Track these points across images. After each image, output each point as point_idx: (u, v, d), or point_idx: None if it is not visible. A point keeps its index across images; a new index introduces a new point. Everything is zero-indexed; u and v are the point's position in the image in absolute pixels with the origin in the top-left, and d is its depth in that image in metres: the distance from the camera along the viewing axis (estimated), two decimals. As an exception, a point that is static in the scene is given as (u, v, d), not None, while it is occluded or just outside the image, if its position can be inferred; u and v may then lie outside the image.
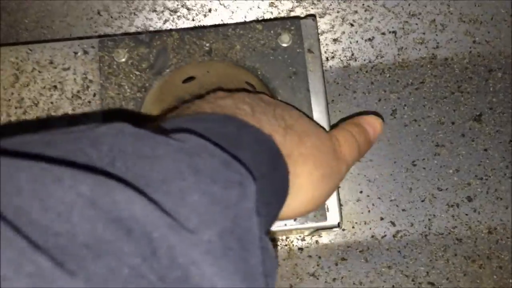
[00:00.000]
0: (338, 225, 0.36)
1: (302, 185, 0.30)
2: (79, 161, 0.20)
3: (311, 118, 0.37)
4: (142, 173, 0.20)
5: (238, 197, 0.22)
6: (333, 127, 0.37)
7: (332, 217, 0.36)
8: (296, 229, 0.36)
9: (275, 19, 0.49)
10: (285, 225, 0.36)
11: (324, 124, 0.38)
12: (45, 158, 0.19)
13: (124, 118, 0.36)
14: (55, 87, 0.38)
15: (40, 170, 0.18)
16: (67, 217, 0.17)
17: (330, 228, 0.37)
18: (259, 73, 0.38)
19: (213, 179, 0.22)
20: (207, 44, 0.39)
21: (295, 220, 0.36)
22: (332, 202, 0.36)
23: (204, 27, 0.48)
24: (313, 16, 0.41)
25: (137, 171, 0.20)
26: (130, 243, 0.17)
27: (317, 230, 0.39)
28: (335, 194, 0.37)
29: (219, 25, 0.39)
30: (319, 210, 0.36)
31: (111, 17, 0.49)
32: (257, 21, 0.40)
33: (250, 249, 0.21)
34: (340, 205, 0.37)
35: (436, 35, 0.51)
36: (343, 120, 0.49)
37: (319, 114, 0.38)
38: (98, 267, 0.16)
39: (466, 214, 0.48)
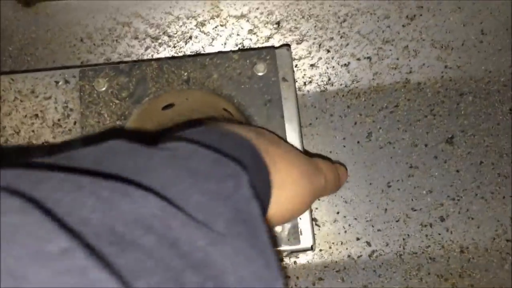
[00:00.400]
0: (312, 248, 0.38)
1: (284, 180, 0.31)
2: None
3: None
4: (142, 180, 0.22)
5: (234, 188, 0.24)
6: (306, 152, 0.39)
7: (306, 240, 0.38)
8: (271, 252, 0.37)
9: (251, 48, 0.51)
10: (260, 248, 0.37)
11: (298, 148, 0.39)
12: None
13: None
14: (37, 115, 0.39)
15: (60, 181, 0.19)
16: (88, 220, 0.18)
17: (303, 251, 0.38)
18: (235, 101, 0.40)
19: (208, 177, 0.23)
20: (185, 73, 0.40)
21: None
22: (305, 225, 0.38)
23: (182, 56, 0.49)
24: (287, 45, 0.42)
25: (138, 178, 0.22)
26: (150, 237, 0.18)
27: (292, 252, 0.40)
28: (307, 217, 0.38)
29: (197, 55, 0.41)
30: (293, 233, 0.37)
31: (94, 44, 0.50)
32: (234, 51, 0.41)
33: (257, 228, 0.23)
34: (313, 227, 0.38)
35: (409, 60, 0.53)
36: (319, 142, 0.50)
37: (293, 139, 0.39)
38: (125, 260, 0.17)
39: (439, 234, 0.49)
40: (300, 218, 0.38)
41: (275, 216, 0.31)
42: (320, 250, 0.49)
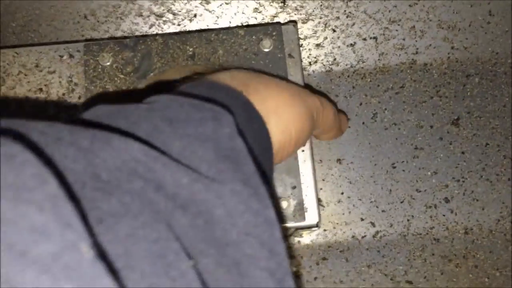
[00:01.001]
0: (317, 225, 0.38)
1: (277, 104, 0.30)
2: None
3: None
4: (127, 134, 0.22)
5: (213, 129, 0.23)
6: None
7: (311, 217, 0.37)
8: (276, 228, 0.37)
9: (257, 25, 0.50)
10: (265, 225, 0.37)
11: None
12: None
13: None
14: (41, 89, 0.39)
15: (39, 134, 0.19)
16: (70, 170, 0.18)
17: (308, 227, 0.38)
18: (241, 77, 0.39)
19: (186, 123, 0.23)
20: (191, 49, 0.40)
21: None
22: (310, 203, 0.38)
23: (187, 32, 0.49)
24: (294, 22, 0.42)
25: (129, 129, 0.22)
26: (136, 181, 0.19)
27: (298, 230, 0.40)
28: (313, 194, 0.38)
29: (202, 30, 0.41)
30: (298, 210, 0.37)
31: (98, 21, 0.49)
32: (239, 26, 0.41)
33: (241, 162, 0.23)
34: (319, 205, 0.38)
35: (416, 41, 0.52)
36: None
37: (299, 117, 0.39)
38: (109, 204, 0.17)
39: (444, 215, 0.49)
40: (306, 195, 0.38)
41: (282, 147, 0.30)
42: (324, 230, 0.49)
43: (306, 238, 0.49)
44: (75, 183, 0.18)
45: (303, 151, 0.38)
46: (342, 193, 0.50)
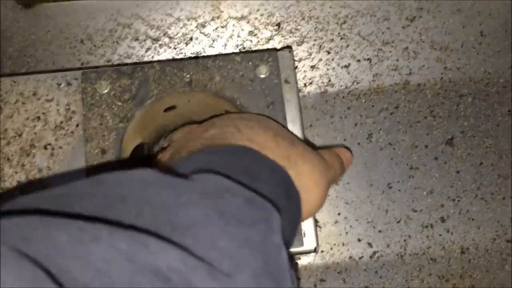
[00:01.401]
0: (315, 250, 0.38)
1: (308, 184, 0.31)
2: (110, 216, 0.20)
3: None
4: (168, 220, 0.21)
5: (264, 234, 0.22)
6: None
7: (309, 242, 0.38)
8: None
9: (254, 51, 0.51)
10: (264, 251, 0.37)
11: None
12: (79, 216, 0.20)
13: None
14: (39, 118, 0.39)
15: (78, 230, 0.18)
16: (106, 273, 0.17)
17: (307, 253, 0.38)
18: (238, 103, 0.40)
19: (239, 220, 0.22)
20: (188, 76, 0.40)
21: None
22: (308, 227, 0.38)
23: (184, 59, 0.49)
24: (289, 47, 0.42)
25: (164, 219, 0.21)
26: None
27: (295, 255, 0.40)
28: (311, 219, 0.38)
29: (199, 57, 0.41)
30: (296, 236, 0.37)
31: (94, 45, 0.50)
32: (236, 53, 0.41)
33: (283, 279, 0.22)
34: (317, 229, 0.38)
35: (409, 62, 0.53)
36: (320, 144, 0.50)
37: (296, 142, 0.39)
38: None
39: (440, 235, 0.50)
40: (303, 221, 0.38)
41: (304, 217, 0.32)
42: (322, 251, 0.49)
43: (303, 260, 0.49)
44: None
45: (300, 176, 0.39)
46: (339, 214, 0.50)
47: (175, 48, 0.51)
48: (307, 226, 0.38)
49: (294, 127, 0.40)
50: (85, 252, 0.18)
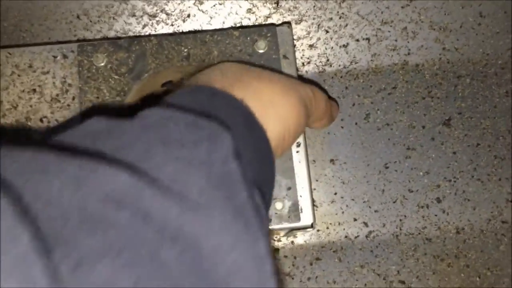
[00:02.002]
0: (312, 226, 0.38)
1: (271, 98, 0.30)
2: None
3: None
4: (115, 154, 0.21)
5: (207, 151, 0.23)
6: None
7: (306, 217, 0.38)
8: (272, 229, 0.37)
9: (252, 26, 0.50)
10: (260, 225, 0.37)
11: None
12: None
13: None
14: (34, 90, 0.38)
15: (27, 161, 0.19)
16: (58, 201, 0.17)
17: (303, 228, 0.38)
18: (235, 78, 0.39)
19: (181, 144, 0.22)
20: (185, 50, 0.40)
21: (270, 221, 0.37)
22: (305, 203, 0.38)
23: (182, 33, 0.49)
24: (288, 23, 0.42)
25: (111, 152, 0.21)
26: (123, 212, 0.18)
27: (292, 230, 0.40)
28: (308, 195, 0.38)
29: (197, 31, 0.41)
30: (293, 211, 0.37)
31: (90, 21, 0.49)
32: (234, 27, 0.41)
33: (233, 190, 0.22)
34: (314, 206, 0.38)
35: (408, 42, 0.52)
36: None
37: (293, 118, 0.39)
38: (93, 240, 0.17)
39: (435, 215, 0.50)
40: (301, 196, 0.38)
41: (282, 140, 0.30)
42: (318, 230, 0.49)
43: (299, 239, 0.49)
44: (58, 218, 0.17)
45: (297, 152, 0.39)
46: (335, 194, 0.50)
47: (172, 25, 0.50)
48: (304, 201, 0.38)
49: (292, 103, 0.39)
50: (35, 180, 0.18)
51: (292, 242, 0.49)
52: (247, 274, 0.20)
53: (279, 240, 0.49)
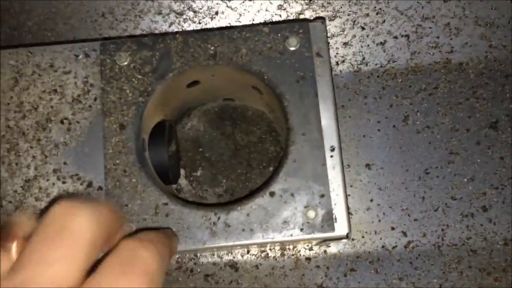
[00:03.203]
0: (347, 236, 0.35)
1: None
2: None
3: None
4: None
5: None
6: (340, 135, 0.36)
7: (340, 227, 0.35)
8: (303, 239, 0.35)
9: (283, 21, 0.48)
10: (291, 235, 0.34)
11: (333, 131, 0.36)
12: None
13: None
14: (55, 90, 0.37)
15: None
16: None
17: (338, 239, 0.35)
18: (265, 77, 0.37)
19: None
20: (212, 48, 0.37)
21: (301, 230, 0.34)
22: (340, 212, 0.35)
23: (209, 29, 0.46)
24: (322, 19, 0.39)
25: None
26: None
27: (325, 240, 0.37)
28: (343, 203, 0.35)
29: (224, 28, 0.38)
30: (327, 220, 0.34)
31: (116, 19, 0.48)
32: (264, 23, 0.39)
33: None
34: (349, 214, 0.35)
35: (451, 39, 0.49)
36: (352, 125, 0.47)
37: (327, 120, 0.36)
38: None
39: (481, 225, 0.46)
40: (335, 204, 0.35)
41: None
42: (353, 240, 0.46)
43: (333, 248, 0.46)
44: None
45: (331, 156, 0.36)
46: (372, 200, 0.47)
47: (199, 23, 0.48)
48: (338, 210, 0.35)
49: (326, 105, 0.37)
50: None
51: (325, 251, 0.46)
52: None
53: (310, 249, 0.46)
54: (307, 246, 0.46)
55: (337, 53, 0.49)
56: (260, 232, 0.35)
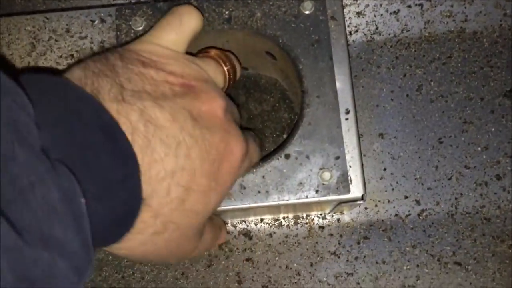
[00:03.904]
0: (362, 198, 0.35)
1: (158, 230, 0.26)
2: None
3: None
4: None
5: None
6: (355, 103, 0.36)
7: (356, 189, 0.35)
8: (319, 201, 0.35)
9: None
10: (307, 197, 0.35)
11: (348, 94, 0.36)
12: None
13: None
14: (72, 56, 0.37)
15: None
16: None
17: (353, 201, 0.35)
18: (280, 41, 0.37)
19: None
20: (227, 12, 0.37)
21: (316, 192, 0.35)
22: (355, 174, 0.35)
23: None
24: (336, -17, 0.39)
25: None
26: None
27: (340, 205, 0.38)
28: (358, 165, 0.35)
29: (239, -8, 0.38)
30: (342, 181, 0.35)
31: (129, -11, 0.48)
32: (278, -12, 0.38)
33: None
34: (364, 176, 0.35)
35: (465, 7, 0.49)
36: (365, 95, 0.47)
37: (342, 83, 0.36)
38: None
39: (495, 193, 0.46)
40: (350, 166, 0.35)
41: (131, 250, 0.27)
42: (366, 208, 0.46)
43: (346, 216, 0.46)
44: None
45: (347, 119, 0.36)
46: (385, 169, 0.47)
47: (213, -7, 0.48)
48: (353, 172, 0.35)
49: (341, 68, 0.37)
50: None
51: (338, 220, 0.46)
52: None
53: (324, 217, 0.46)
54: (321, 214, 0.46)
55: (350, 23, 0.49)
56: (276, 194, 0.35)
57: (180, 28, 0.30)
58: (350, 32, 0.49)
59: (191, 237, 0.29)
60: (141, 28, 0.37)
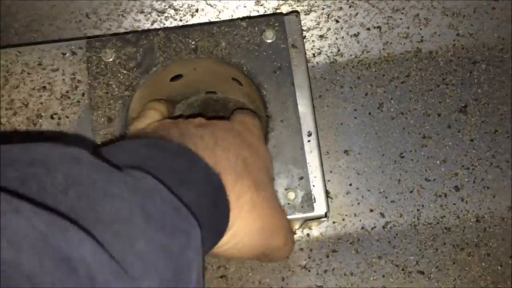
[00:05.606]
0: (326, 215, 0.37)
1: (242, 229, 0.30)
2: (33, 187, 0.20)
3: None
4: (93, 207, 0.21)
5: (182, 246, 0.23)
6: (318, 122, 0.38)
7: (319, 207, 0.37)
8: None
9: (259, 16, 0.50)
10: (273, 216, 0.36)
11: (309, 117, 0.38)
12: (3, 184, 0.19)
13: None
14: (44, 88, 0.38)
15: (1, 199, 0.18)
16: (17, 246, 0.17)
17: (317, 218, 0.37)
18: (244, 69, 0.39)
19: (162, 226, 0.22)
20: (193, 42, 0.39)
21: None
22: (318, 193, 0.37)
23: (189, 25, 0.48)
24: (296, 12, 0.42)
25: (89, 204, 0.21)
26: (72, 281, 0.17)
27: (306, 221, 0.40)
28: (321, 184, 0.37)
29: (204, 24, 0.40)
30: (306, 201, 0.37)
31: (100, 19, 0.49)
32: (241, 18, 0.41)
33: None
34: (327, 195, 0.38)
35: (420, 29, 0.51)
36: (330, 114, 0.50)
37: (304, 107, 0.39)
38: None
39: (454, 204, 0.49)
40: (313, 185, 0.37)
41: (222, 252, 0.31)
42: (334, 222, 0.49)
43: (315, 231, 0.48)
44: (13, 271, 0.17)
45: (309, 141, 0.38)
46: (351, 185, 0.49)
47: (181, 20, 0.50)
48: (317, 192, 0.37)
49: (302, 93, 0.39)
50: (2, 221, 0.17)
51: (308, 234, 0.48)
52: None
53: (294, 233, 0.48)
54: (291, 230, 0.48)
55: (313, 46, 0.51)
56: (244, 214, 0.37)
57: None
58: (313, 55, 0.51)
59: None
60: (111, 59, 0.39)
